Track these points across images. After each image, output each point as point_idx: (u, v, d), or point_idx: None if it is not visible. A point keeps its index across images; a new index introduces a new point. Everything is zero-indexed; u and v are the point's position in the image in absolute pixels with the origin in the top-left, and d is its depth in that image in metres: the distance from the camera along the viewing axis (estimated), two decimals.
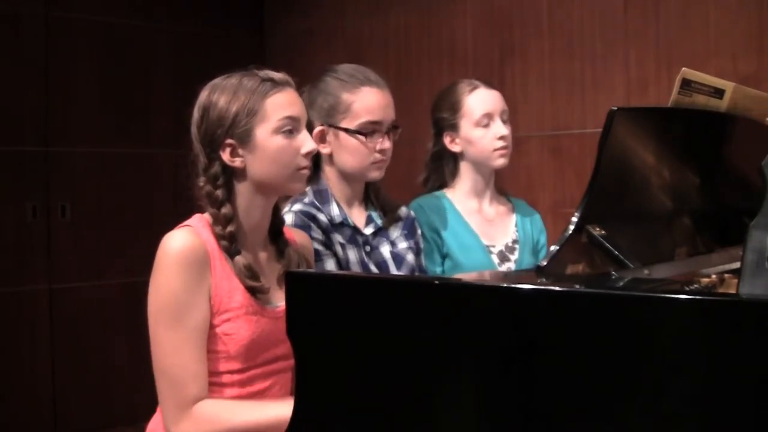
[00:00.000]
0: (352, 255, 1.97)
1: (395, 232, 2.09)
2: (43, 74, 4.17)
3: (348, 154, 1.99)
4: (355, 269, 1.95)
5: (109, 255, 4.30)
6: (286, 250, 1.73)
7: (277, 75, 1.67)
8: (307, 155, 1.67)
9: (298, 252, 1.75)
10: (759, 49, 3.12)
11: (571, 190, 3.57)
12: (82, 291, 4.25)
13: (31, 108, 4.15)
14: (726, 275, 1.41)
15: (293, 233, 1.82)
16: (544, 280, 1.31)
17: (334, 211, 1.98)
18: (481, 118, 2.23)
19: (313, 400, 1.31)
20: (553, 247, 1.37)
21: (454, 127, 2.26)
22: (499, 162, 2.25)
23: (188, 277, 1.56)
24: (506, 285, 1.19)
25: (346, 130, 1.97)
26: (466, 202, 2.29)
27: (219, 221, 1.64)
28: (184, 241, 1.58)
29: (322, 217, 1.95)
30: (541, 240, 2.35)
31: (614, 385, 1.05)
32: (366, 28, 4.43)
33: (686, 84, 1.57)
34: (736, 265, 1.41)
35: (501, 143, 2.23)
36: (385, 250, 2.05)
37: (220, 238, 1.63)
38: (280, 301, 1.60)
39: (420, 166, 2.41)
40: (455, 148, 2.28)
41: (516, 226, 2.33)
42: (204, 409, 1.55)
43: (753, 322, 0.98)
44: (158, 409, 1.65)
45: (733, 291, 1.30)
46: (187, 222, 1.66)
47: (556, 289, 1.16)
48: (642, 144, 1.54)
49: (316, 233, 1.92)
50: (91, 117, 4.31)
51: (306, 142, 1.66)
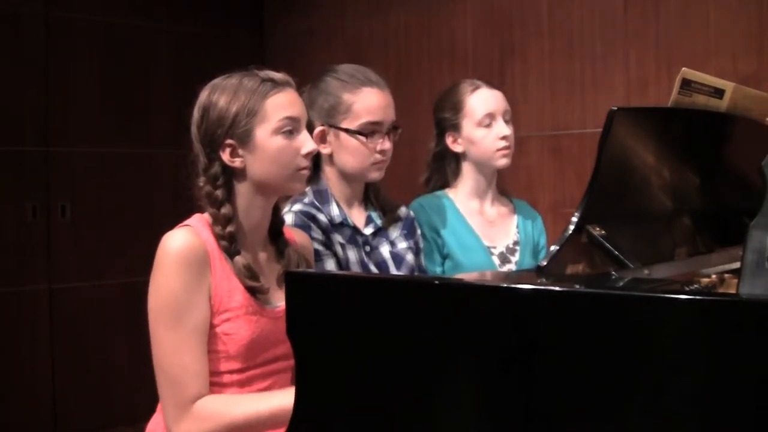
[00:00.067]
0: (352, 255, 1.97)
1: (395, 232, 2.09)
2: (43, 74, 4.17)
3: (348, 155, 1.99)
4: (355, 269, 1.95)
5: (109, 255, 4.30)
6: (286, 250, 1.73)
7: (277, 75, 1.67)
8: (307, 156, 1.67)
9: (297, 252, 1.75)
10: (759, 49, 3.12)
11: (571, 190, 3.57)
12: (82, 291, 4.25)
13: (31, 108, 4.15)
14: (726, 275, 1.41)
15: (293, 233, 1.82)
16: (544, 280, 1.31)
17: (334, 212, 1.98)
18: (484, 118, 2.22)
19: (313, 400, 1.31)
20: (553, 247, 1.37)
21: (456, 128, 2.26)
22: (502, 162, 2.24)
23: (188, 277, 1.56)
24: (506, 285, 1.19)
25: (347, 131, 1.97)
26: (467, 202, 2.29)
27: (219, 221, 1.64)
28: (183, 241, 1.58)
29: (322, 217, 1.95)
30: (541, 242, 2.35)
31: (614, 385, 1.05)
32: (366, 28, 4.43)
33: (686, 84, 1.57)
34: (736, 265, 1.41)
35: (503, 143, 2.22)
36: (385, 250, 2.05)
37: (219, 238, 1.63)
38: (280, 301, 1.61)
39: (420, 166, 2.41)
40: (457, 149, 2.27)
41: (517, 227, 2.32)
42: (204, 406, 1.55)
43: (753, 322, 0.98)
44: (158, 409, 1.65)
45: (733, 291, 1.30)
46: (187, 222, 1.66)
47: (556, 289, 1.16)
48: (642, 144, 1.54)
49: (316, 233, 1.92)
50: (91, 117, 4.31)
51: (306, 143, 1.66)
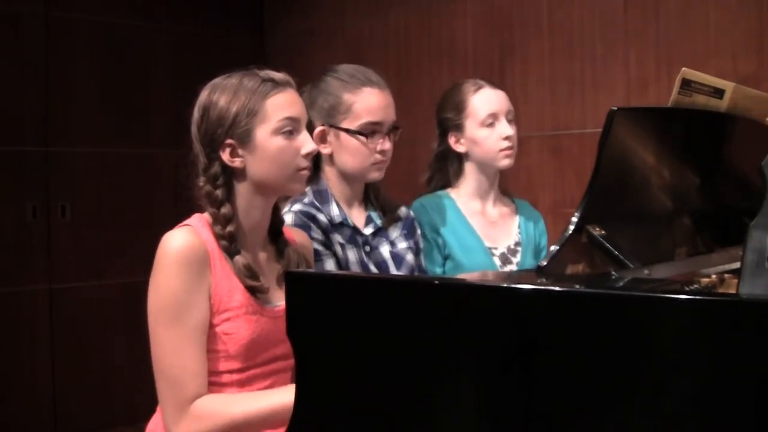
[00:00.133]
0: (352, 255, 1.97)
1: (395, 233, 2.09)
2: (43, 74, 4.17)
3: (348, 155, 1.99)
4: (355, 269, 1.95)
5: (109, 255, 4.30)
6: (286, 249, 1.73)
7: (277, 75, 1.66)
8: (307, 156, 1.67)
9: (297, 252, 1.75)
10: (759, 49, 3.12)
11: (571, 190, 3.57)
12: (82, 291, 4.25)
13: (31, 108, 4.15)
14: (726, 275, 1.41)
15: (293, 233, 1.82)
16: (544, 280, 1.31)
17: (334, 211, 1.98)
18: (486, 118, 2.21)
19: (313, 400, 1.31)
20: (553, 247, 1.37)
21: (458, 128, 2.25)
22: (505, 162, 2.23)
23: (188, 277, 1.56)
24: (506, 285, 1.19)
25: (347, 131, 1.97)
26: (469, 203, 2.28)
27: (218, 221, 1.64)
28: (183, 241, 1.58)
29: (322, 217, 1.95)
30: (542, 242, 2.34)
31: (614, 385, 1.05)
32: (366, 28, 4.43)
33: (686, 84, 1.57)
34: (736, 265, 1.41)
35: (506, 143, 2.21)
36: (385, 250, 2.05)
37: (219, 237, 1.63)
38: (280, 300, 1.61)
39: (420, 166, 2.41)
40: (460, 149, 2.26)
41: (519, 228, 2.32)
42: (203, 406, 1.55)
43: (753, 322, 0.98)
44: (158, 409, 1.65)
45: (733, 291, 1.30)
46: (187, 222, 1.66)
47: (556, 289, 1.16)
48: (642, 144, 1.54)
49: (316, 233, 1.92)
50: (91, 117, 4.31)
51: (306, 143, 1.66)
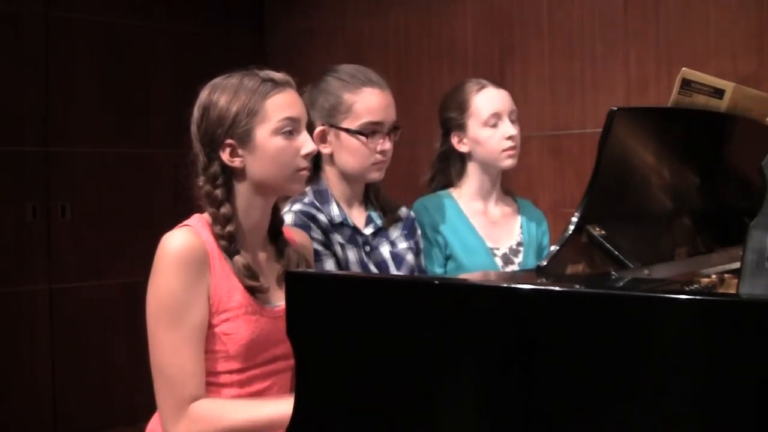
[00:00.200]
0: (352, 255, 1.97)
1: (395, 233, 2.09)
2: (43, 74, 4.17)
3: (349, 155, 1.99)
4: (355, 269, 1.95)
5: (109, 255, 4.30)
6: (286, 249, 1.73)
7: (277, 75, 1.66)
8: (307, 156, 1.67)
9: (297, 252, 1.75)
10: (759, 49, 3.12)
11: (571, 190, 3.56)
12: (82, 291, 4.25)
13: (31, 108, 4.15)
14: (726, 275, 1.41)
15: (293, 233, 1.82)
16: (544, 280, 1.31)
17: (334, 211, 1.98)
18: (489, 118, 2.20)
19: (313, 400, 1.31)
20: (553, 247, 1.37)
21: (461, 127, 2.24)
22: (508, 162, 2.22)
23: (187, 277, 1.56)
24: (506, 285, 1.19)
25: (348, 131, 1.97)
26: (471, 203, 2.28)
27: (218, 221, 1.64)
28: (183, 241, 1.58)
29: (322, 217, 1.95)
30: (544, 241, 2.34)
31: (614, 385, 1.05)
32: (366, 28, 4.43)
33: (686, 84, 1.57)
34: (736, 265, 1.41)
35: (509, 143, 2.20)
36: (385, 251, 2.05)
37: (219, 237, 1.63)
38: (280, 300, 1.60)
39: (420, 166, 2.41)
40: (463, 149, 2.25)
41: (521, 228, 2.31)
42: (202, 409, 1.54)
43: (753, 322, 0.98)
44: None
45: (733, 291, 1.30)
46: (187, 222, 1.66)
47: (556, 289, 1.16)
48: (642, 144, 1.54)
49: (316, 233, 1.92)
50: (91, 117, 4.31)
51: (306, 143, 1.66)
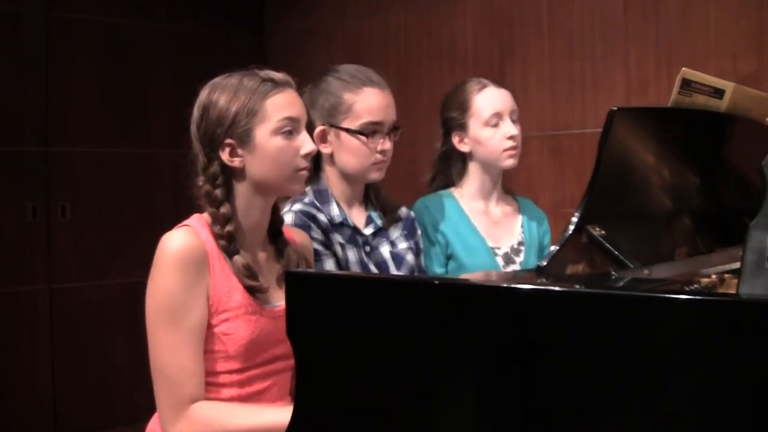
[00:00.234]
0: (352, 255, 1.97)
1: (395, 233, 2.09)
2: (43, 74, 4.17)
3: (349, 155, 1.99)
4: (355, 269, 1.95)
5: (109, 255, 4.30)
6: (286, 249, 1.73)
7: (277, 75, 1.66)
8: (307, 156, 1.66)
9: (297, 252, 1.75)
10: (759, 49, 3.12)
11: (571, 190, 3.56)
12: (82, 291, 4.25)
13: (31, 108, 4.15)
14: (726, 275, 1.41)
15: (293, 233, 1.82)
16: (544, 280, 1.31)
17: (334, 211, 1.98)
18: (491, 118, 2.20)
19: (313, 400, 1.31)
20: (553, 247, 1.37)
21: (462, 127, 2.24)
22: (509, 162, 2.22)
23: (186, 277, 1.56)
24: (506, 285, 1.19)
25: (348, 131, 1.97)
26: (472, 202, 2.27)
27: (218, 221, 1.64)
28: (182, 241, 1.58)
29: (322, 217, 1.95)
30: (545, 241, 2.33)
31: (614, 385, 1.05)
32: (366, 28, 4.43)
33: (686, 84, 1.57)
34: (736, 265, 1.41)
35: (510, 143, 2.20)
36: (385, 251, 2.05)
37: (218, 237, 1.63)
38: (279, 300, 1.60)
39: (420, 166, 2.41)
40: (464, 148, 2.25)
41: (522, 227, 2.31)
42: (201, 411, 1.54)
43: (753, 322, 0.98)
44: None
45: (733, 291, 1.30)
46: (186, 222, 1.66)
47: (556, 289, 1.16)
48: (642, 144, 1.54)
49: (316, 233, 1.92)
50: (91, 117, 4.31)
51: (305, 143, 1.66)
